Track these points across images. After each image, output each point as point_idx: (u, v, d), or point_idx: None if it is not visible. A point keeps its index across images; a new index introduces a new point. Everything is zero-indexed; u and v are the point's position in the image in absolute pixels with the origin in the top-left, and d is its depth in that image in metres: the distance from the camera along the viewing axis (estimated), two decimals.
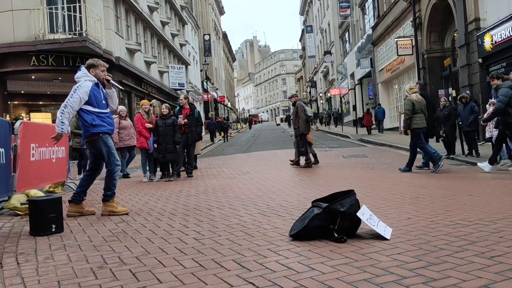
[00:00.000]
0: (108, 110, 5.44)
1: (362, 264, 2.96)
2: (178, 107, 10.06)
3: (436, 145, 12.48)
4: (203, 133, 13.79)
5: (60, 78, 16.93)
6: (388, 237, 3.60)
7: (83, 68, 5.39)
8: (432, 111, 9.64)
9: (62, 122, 5.05)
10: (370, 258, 3.08)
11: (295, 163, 10.68)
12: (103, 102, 5.38)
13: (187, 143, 9.70)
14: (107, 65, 5.68)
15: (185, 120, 9.48)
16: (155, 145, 9.36)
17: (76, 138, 10.16)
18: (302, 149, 10.48)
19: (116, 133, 9.92)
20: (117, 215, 5.32)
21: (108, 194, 5.41)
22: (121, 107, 10.77)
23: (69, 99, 5.05)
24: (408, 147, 9.39)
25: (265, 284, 2.66)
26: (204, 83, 41.52)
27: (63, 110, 5.04)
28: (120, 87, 6.23)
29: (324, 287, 2.56)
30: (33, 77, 16.31)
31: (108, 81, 5.44)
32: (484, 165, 8.28)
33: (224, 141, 28.68)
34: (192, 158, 10.06)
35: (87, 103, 5.19)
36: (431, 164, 8.76)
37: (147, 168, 9.57)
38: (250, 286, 2.64)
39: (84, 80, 5.23)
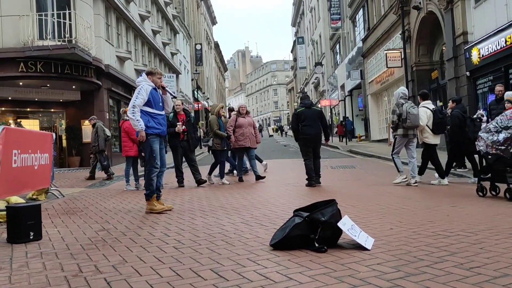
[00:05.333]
0: (163, 112, 6.14)
1: (341, 274, 2.93)
2: (172, 113, 9.35)
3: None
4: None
5: (48, 85, 16.77)
6: (369, 247, 3.57)
7: (144, 74, 6.07)
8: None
9: (138, 120, 5.74)
10: (349, 268, 3.05)
11: (90, 178, 11.99)
12: (160, 104, 6.07)
13: (189, 149, 9.31)
14: (163, 74, 6.36)
15: (184, 126, 9.14)
16: (143, 154, 9.25)
17: (217, 139, 9.63)
18: (104, 164, 11.98)
19: (231, 132, 9.85)
20: (155, 212, 5.77)
21: (147, 194, 5.91)
22: (242, 103, 10.57)
23: (135, 100, 5.77)
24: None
25: None
26: (195, 92, 41.49)
27: (133, 110, 5.74)
28: (174, 95, 6.75)
29: None
30: (21, 83, 16.12)
31: (163, 87, 6.15)
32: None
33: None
34: (195, 163, 9.49)
35: (146, 104, 5.86)
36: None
37: (133, 176, 9.46)
38: None
39: (144, 83, 5.92)
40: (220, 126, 9.70)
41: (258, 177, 9.78)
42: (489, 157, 6.49)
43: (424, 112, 8.54)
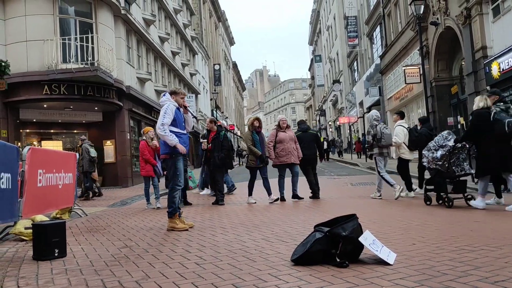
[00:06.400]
0: (185, 131, 6.24)
1: None
2: (206, 131, 9.59)
3: None
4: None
5: (71, 107, 17.18)
6: (391, 262, 3.55)
7: (167, 94, 6.18)
8: None
9: (170, 135, 5.84)
10: (372, 283, 3.04)
11: (86, 198, 12.28)
12: (183, 124, 6.19)
13: (213, 167, 9.19)
14: (186, 94, 6.63)
15: (209, 145, 9.00)
16: (165, 172, 9.29)
17: (251, 155, 9.16)
18: (87, 185, 12.46)
19: (271, 148, 9.17)
20: (177, 230, 5.76)
21: (169, 211, 5.96)
22: (282, 116, 9.91)
23: (164, 119, 5.85)
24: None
25: None
26: (214, 111, 41.89)
27: (164, 128, 5.82)
28: (195, 115, 6.77)
29: None
30: (45, 105, 16.55)
31: (185, 107, 6.24)
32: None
33: (240, 165, 32.06)
34: (220, 184, 9.31)
35: (171, 124, 5.95)
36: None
37: (153, 195, 9.52)
38: None
39: (169, 103, 6.00)
40: (255, 141, 9.04)
41: (296, 196, 9.20)
42: (431, 171, 7.55)
43: (402, 130, 9.42)
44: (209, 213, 7.85)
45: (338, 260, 3.54)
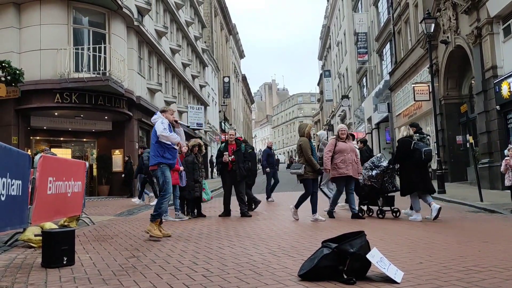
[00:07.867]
0: (176, 147, 6.62)
1: None
2: (224, 144, 9.78)
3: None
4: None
5: (82, 115, 17.36)
6: (398, 280, 3.54)
7: (158, 113, 6.63)
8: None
9: (172, 135, 6.34)
10: None
11: None
12: None
13: (235, 180, 9.27)
14: (175, 110, 6.97)
15: (232, 156, 9.25)
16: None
17: (309, 167, 8.11)
18: None
19: (329, 159, 8.48)
20: (153, 236, 6.13)
21: (153, 215, 6.25)
22: (341, 125, 9.20)
23: (163, 126, 6.30)
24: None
25: None
26: (222, 123, 42.03)
27: (166, 131, 6.28)
28: (186, 125, 7.10)
29: None
30: (56, 113, 16.75)
31: (176, 121, 6.63)
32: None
33: None
34: (243, 195, 9.37)
35: None
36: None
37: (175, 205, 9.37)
38: None
39: (162, 119, 6.42)
40: (313, 150, 8.27)
41: (356, 216, 8.36)
42: (366, 187, 8.58)
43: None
44: (216, 225, 7.87)
45: (345, 276, 3.54)
